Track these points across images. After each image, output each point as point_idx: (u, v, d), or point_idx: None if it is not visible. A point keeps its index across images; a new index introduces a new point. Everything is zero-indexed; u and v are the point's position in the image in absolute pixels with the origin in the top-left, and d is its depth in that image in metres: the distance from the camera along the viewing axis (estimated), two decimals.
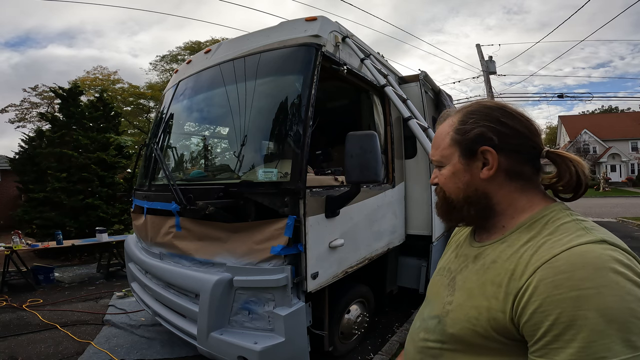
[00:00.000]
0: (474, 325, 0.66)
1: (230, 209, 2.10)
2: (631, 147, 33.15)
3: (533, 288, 0.58)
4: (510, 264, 0.65)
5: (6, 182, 11.45)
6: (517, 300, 0.60)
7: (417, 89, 3.48)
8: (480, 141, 0.71)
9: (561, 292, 0.54)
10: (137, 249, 2.98)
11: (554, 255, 0.58)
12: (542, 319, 0.55)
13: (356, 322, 2.82)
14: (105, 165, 7.65)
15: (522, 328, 0.59)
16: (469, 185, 0.74)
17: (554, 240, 0.62)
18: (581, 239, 0.59)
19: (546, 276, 0.57)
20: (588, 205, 16.03)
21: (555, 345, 0.54)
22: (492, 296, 0.65)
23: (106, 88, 17.14)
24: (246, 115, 2.36)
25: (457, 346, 0.71)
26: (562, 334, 0.53)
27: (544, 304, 0.55)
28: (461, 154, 0.74)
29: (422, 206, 3.34)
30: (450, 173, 0.76)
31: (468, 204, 0.75)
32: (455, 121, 0.77)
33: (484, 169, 0.72)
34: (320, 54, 2.24)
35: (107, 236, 5.78)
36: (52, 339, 3.27)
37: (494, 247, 0.72)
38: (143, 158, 3.43)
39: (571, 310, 0.53)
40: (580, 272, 0.54)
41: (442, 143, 0.78)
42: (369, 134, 1.98)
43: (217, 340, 1.98)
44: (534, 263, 0.60)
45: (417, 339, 0.82)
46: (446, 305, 0.75)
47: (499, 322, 0.62)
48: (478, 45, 14.10)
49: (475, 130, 0.72)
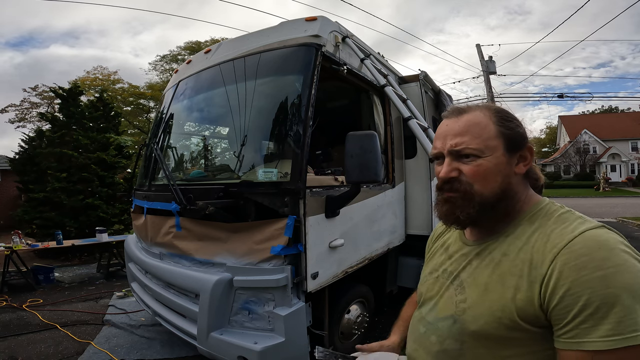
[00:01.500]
0: (499, 317, 0.67)
1: (230, 209, 2.10)
2: (631, 147, 33.15)
3: (558, 272, 0.60)
4: (525, 254, 0.68)
5: (6, 182, 11.45)
6: (544, 286, 0.62)
7: (417, 89, 3.47)
8: (526, 138, 0.76)
9: (587, 272, 0.57)
10: (137, 249, 2.98)
11: (570, 240, 0.62)
12: (573, 301, 0.58)
13: (356, 322, 2.82)
14: (105, 165, 7.65)
15: (552, 312, 0.61)
16: (507, 178, 0.73)
17: (561, 228, 0.66)
18: (584, 225, 0.64)
19: (568, 260, 0.60)
20: (588, 205, 16.03)
21: (588, 324, 0.56)
22: (514, 287, 0.66)
23: (106, 88, 17.14)
24: (246, 115, 2.36)
25: (479, 342, 0.71)
26: (595, 313, 0.56)
27: (573, 286, 0.58)
28: (506, 147, 0.73)
29: (422, 206, 3.34)
30: (493, 165, 0.72)
31: (503, 199, 0.73)
32: (491, 114, 0.75)
33: (520, 164, 0.75)
34: (320, 54, 2.24)
35: (107, 236, 5.77)
36: (52, 339, 3.27)
37: (499, 242, 0.75)
38: (143, 158, 3.43)
39: (601, 289, 0.56)
40: (598, 253, 0.59)
41: (483, 132, 0.73)
42: (369, 134, 1.98)
43: (217, 340, 1.98)
44: (551, 250, 0.63)
45: (429, 344, 0.80)
46: (460, 304, 0.75)
47: (527, 310, 0.64)
48: (478, 45, 14.12)
49: (519, 129, 0.76)
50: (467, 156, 0.73)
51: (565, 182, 31.18)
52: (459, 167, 0.74)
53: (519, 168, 0.75)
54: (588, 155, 33.56)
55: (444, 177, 0.75)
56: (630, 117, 34.48)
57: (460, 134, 0.74)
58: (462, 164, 0.74)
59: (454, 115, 0.78)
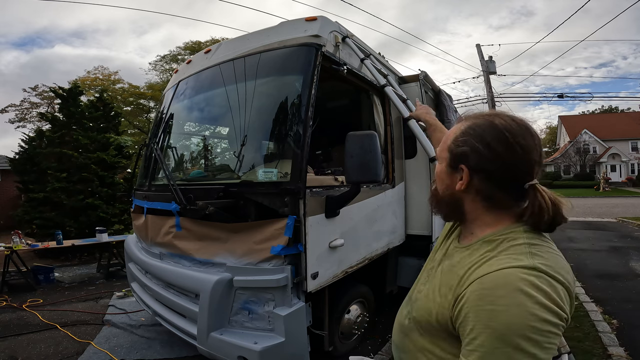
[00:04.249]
0: (428, 315, 0.78)
1: (230, 209, 2.10)
2: (631, 147, 33.14)
3: (467, 297, 0.68)
4: (461, 271, 0.74)
5: (6, 182, 11.45)
6: (456, 304, 0.70)
7: (417, 89, 3.47)
8: (461, 159, 0.78)
9: (482, 304, 0.65)
10: (137, 249, 2.98)
11: (487, 273, 0.67)
12: (466, 324, 0.66)
13: (356, 322, 2.82)
14: (105, 165, 7.65)
15: (458, 328, 0.70)
16: (448, 188, 0.83)
17: (499, 258, 0.70)
18: (516, 262, 0.67)
19: (476, 289, 0.67)
20: (588, 205, 16.03)
21: (470, 347, 0.64)
22: (444, 295, 0.75)
23: (106, 88, 17.13)
24: (246, 115, 2.36)
25: (417, 327, 0.83)
26: (474, 340, 0.64)
27: (470, 312, 0.66)
28: (448, 162, 0.82)
29: (422, 206, 3.34)
30: (439, 172, 0.86)
31: (445, 202, 0.85)
32: (460, 129, 0.81)
33: (459, 182, 0.79)
34: (320, 54, 2.24)
35: (107, 236, 5.77)
36: (52, 339, 3.27)
37: (460, 252, 0.81)
38: (143, 158, 3.43)
39: (485, 320, 0.63)
40: (498, 290, 0.64)
41: (444, 143, 0.85)
42: (369, 134, 1.98)
43: (217, 340, 1.98)
44: (474, 276, 0.70)
45: (401, 315, 0.93)
46: (418, 293, 0.88)
47: (444, 318, 0.74)
48: (478, 46, 14.11)
49: (462, 148, 0.78)
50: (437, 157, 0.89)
51: (565, 182, 31.17)
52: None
53: (457, 185, 0.79)
54: (588, 155, 33.55)
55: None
56: (630, 117, 34.40)
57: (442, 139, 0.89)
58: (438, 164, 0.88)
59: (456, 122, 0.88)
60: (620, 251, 6.67)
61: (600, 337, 3.08)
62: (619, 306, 3.85)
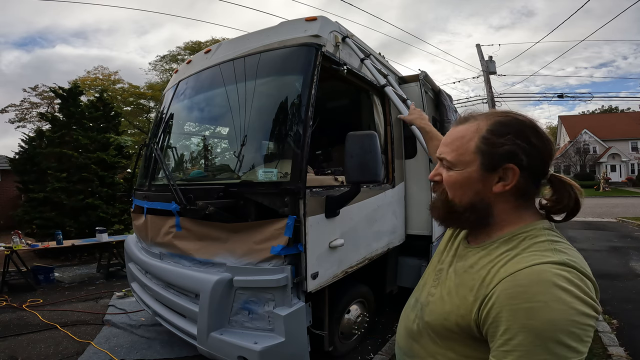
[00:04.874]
0: (445, 319, 0.75)
1: (230, 209, 2.10)
2: (631, 147, 33.14)
3: (496, 297, 0.65)
4: (483, 271, 0.72)
5: (6, 182, 11.44)
6: (483, 306, 0.67)
7: (417, 89, 3.47)
8: (509, 159, 0.71)
9: (517, 302, 0.62)
10: (137, 249, 2.98)
11: (517, 270, 0.65)
12: (499, 324, 0.63)
13: (356, 322, 2.82)
14: (105, 165, 7.65)
15: (486, 331, 0.66)
16: (478, 194, 0.75)
17: (524, 256, 0.68)
18: (545, 258, 0.65)
19: (507, 287, 0.64)
20: (588, 205, 16.02)
21: (506, 348, 0.61)
22: (463, 297, 0.72)
23: (106, 88, 17.13)
24: (246, 115, 2.36)
25: (430, 331, 0.79)
26: (511, 339, 0.61)
27: (502, 311, 0.63)
28: (482, 165, 0.73)
29: (422, 206, 3.34)
30: (463, 178, 0.75)
31: (470, 211, 0.76)
32: (483, 128, 0.74)
33: (499, 184, 0.73)
34: (320, 54, 2.24)
35: (107, 236, 5.77)
36: (52, 339, 3.27)
37: (475, 253, 0.78)
38: (143, 158, 3.43)
39: (522, 319, 0.60)
40: (533, 287, 0.62)
41: (463, 146, 0.76)
42: (369, 134, 1.98)
43: (217, 340, 1.98)
44: (501, 275, 0.67)
45: (408, 319, 0.89)
46: (429, 296, 0.84)
47: (464, 320, 0.70)
48: (478, 46, 14.10)
49: (507, 147, 0.71)
50: (447, 165, 0.79)
51: None
52: (441, 173, 0.81)
53: (497, 187, 0.73)
54: (588, 155, 33.56)
55: (429, 179, 0.85)
56: (630, 117, 34.40)
57: (445, 144, 0.81)
58: (444, 170, 0.80)
59: (456, 123, 0.82)
60: (620, 251, 6.67)
61: (601, 337, 3.08)
62: (619, 306, 3.85)
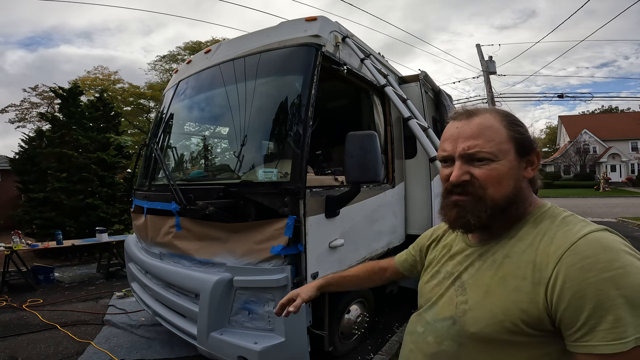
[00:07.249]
0: (501, 320, 0.66)
1: (230, 209, 2.10)
2: (631, 147, 33.12)
3: (564, 275, 0.59)
4: (528, 256, 0.67)
5: (6, 182, 11.44)
6: (550, 289, 0.61)
7: (417, 89, 3.47)
8: (532, 143, 0.75)
9: (594, 274, 0.57)
10: (137, 249, 2.98)
11: (573, 243, 0.61)
12: (583, 304, 0.56)
13: (356, 322, 2.82)
14: (105, 165, 7.64)
15: (561, 316, 0.59)
16: (517, 182, 0.73)
17: (565, 230, 0.66)
18: (588, 228, 0.64)
19: (574, 262, 0.59)
20: (588, 205, 16.03)
21: (604, 327, 0.55)
22: (516, 289, 0.66)
23: (106, 88, 17.13)
24: (246, 115, 2.36)
25: (478, 345, 0.70)
26: (607, 315, 0.54)
27: (581, 288, 0.57)
28: (517, 151, 0.73)
29: (422, 206, 3.34)
30: (507, 169, 0.71)
31: (515, 202, 0.72)
32: (501, 118, 0.75)
33: (529, 169, 0.76)
34: (320, 54, 2.24)
35: (107, 236, 5.77)
36: (52, 339, 3.27)
37: (501, 244, 0.74)
38: (143, 158, 3.43)
39: (611, 291, 0.55)
40: (603, 255, 0.58)
41: (496, 136, 0.72)
42: (369, 134, 1.98)
43: (217, 340, 1.98)
44: (555, 252, 0.63)
45: (426, 345, 0.80)
46: (460, 305, 0.74)
47: (531, 314, 0.63)
48: (478, 46, 14.10)
49: (525, 134, 0.75)
50: (480, 160, 0.71)
51: (565, 182, 31.15)
52: (470, 171, 0.72)
53: (527, 172, 0.75)
54: (588, 155, 33.53)
55: (455, 181, 0.73)
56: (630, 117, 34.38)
57: (473, 137, 0.72)
58: (474, 167, 0.72)
59: (464, 117, 0.76)
60: None
61: None
62: None
